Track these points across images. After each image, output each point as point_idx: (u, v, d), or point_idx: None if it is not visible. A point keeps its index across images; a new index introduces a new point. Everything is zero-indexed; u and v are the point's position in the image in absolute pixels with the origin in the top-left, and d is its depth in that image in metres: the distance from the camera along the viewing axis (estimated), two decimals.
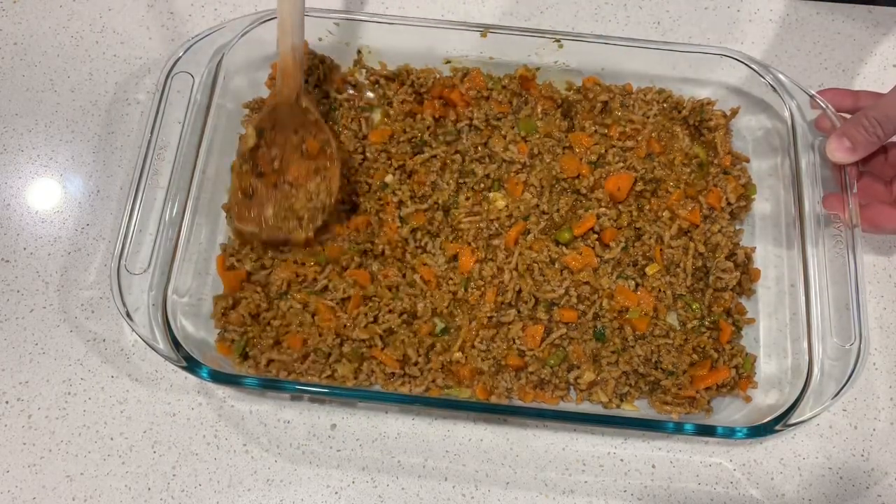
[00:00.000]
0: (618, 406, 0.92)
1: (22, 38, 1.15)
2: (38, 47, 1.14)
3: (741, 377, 0.93)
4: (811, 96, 0.98)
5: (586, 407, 0.93)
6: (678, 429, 0.85)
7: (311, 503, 0.90)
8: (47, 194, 1.05)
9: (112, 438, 0.92)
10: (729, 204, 1.01)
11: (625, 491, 0.91)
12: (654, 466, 0.93)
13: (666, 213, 0.99)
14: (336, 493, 0.91)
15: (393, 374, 0.92)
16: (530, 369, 0.92)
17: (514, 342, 0.93)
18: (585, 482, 0.92)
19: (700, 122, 1.05)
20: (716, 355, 0.93)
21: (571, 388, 0.93)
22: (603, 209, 0.99)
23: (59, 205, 1.04)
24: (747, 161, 1.06)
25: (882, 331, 1.00)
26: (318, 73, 1.06)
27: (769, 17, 1.21)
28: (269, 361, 0.92)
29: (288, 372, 0.92)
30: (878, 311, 1.01)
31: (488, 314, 0.93)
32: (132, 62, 1.14)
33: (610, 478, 0.92)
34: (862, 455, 0.94)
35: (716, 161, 1.04)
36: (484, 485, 0.91)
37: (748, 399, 0.93)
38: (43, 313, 0.98)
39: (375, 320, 0.94)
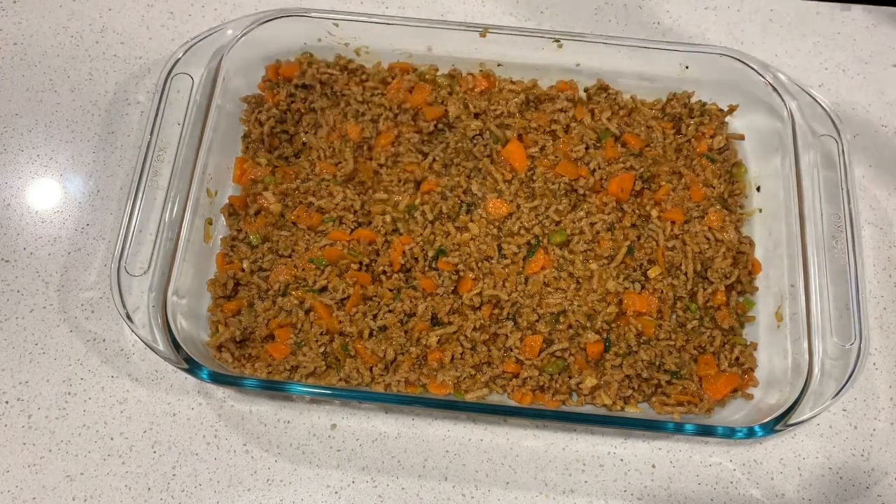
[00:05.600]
0: (622, 408, 0.92)
1: (22, 38, 1.15)
2: (38, 47, 1.14)
3: (743, 370, 0.94)
4: (811, 95, 0.98)
5: (589, 408, 0.93)
6: (679, 429, 0.86)
7: (311, 503, 0.90)
8: (47, 194, 1.05)
9: (112, 438, 0.92)
10: (722, 197, 1.01)
11: (625, 491, 0.91)
12: (654, 466, 0.93)
13: (654, 211, 1.00)
14: (336, 492, 0.91)
15: (371, 368, 0.92)
16: (527, 374, 0.92)
17: (511, 351, 0.93)
18: (585, 482, 0.92)
19: (680, 115, 1.06)
20: (716, 344, 0.94)
21: (573, 392, 0.93)
22: (601, 215, 0.99)
23: (59, 205, 1.04)
24: (741, 139, 1.06)
25: (882, 331, 1.00)
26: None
27: (769, 17, 1.21)
28: (255, 359, 0.93)
29: (270, 371, 0.92)
30: (877, 311, 1.01)
31: (482, 323, 0.94)
32: (132, 62, 1.14)
33: (610, 478, 0.92)
34: (862, 455, 0.94)
35: (694, 147, 1.05)
36: (484, 485, 0.91)
37: (749, 397, 0.93)
38: (43, 313, 0.98)
39: (375, 319, 0.94)
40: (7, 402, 0.94)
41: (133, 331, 0.85)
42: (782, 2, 1.21)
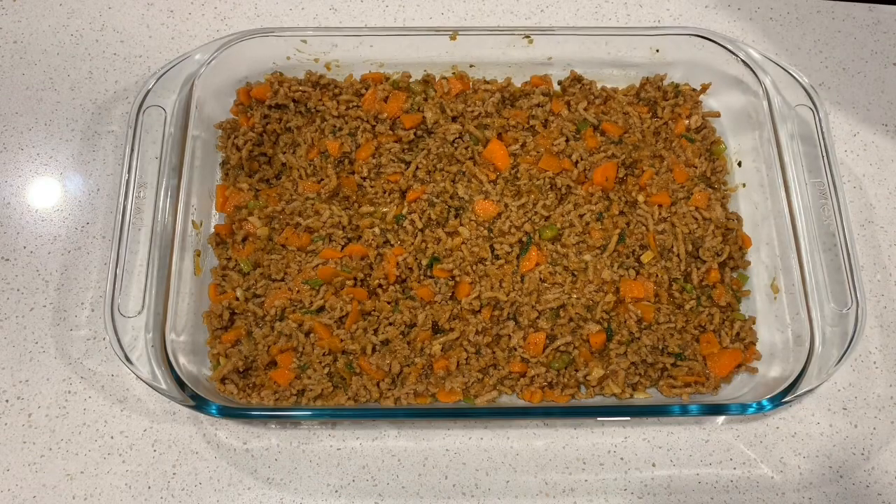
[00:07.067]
0: (630, 396, 0.93)
1: (22, 37, 1.14)
2: (37, 46, 1.14)
3: (745, 345, 0.94)
4: (782, 67, 1.00)
5: (598, 399, 0.93)
6: (689, 411, 0.86)
7: (311, 502, 0.90)
8: (47, 193, 1.05)
9: (112, 437, 0.92)
10: (704, 175, 1.02)
11: (625, 489, 0.91)
12: (654, 465, 0.93)
13: (641, 197, 1.01)
14: (336, 491, 0.90)
15: (378, 383, 0.92)
16: (534, 372, 0.92)
17: (516, 351, 0.93)
18: (586, 480, 0.92)
19: (655, 98, 1.07)
20: (716, 322, 0.95)
21: (582, 385, 0.94)
22: (588, 206, 1.00)
23: (59, 203, 1.04)
24: (717, 116, 1.07)
25: (882, 330, 1.00)
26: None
27: (770, 15, 1.21)
28: (259, 387, 0.92)
29: (278, 398, 0.91)
30: (878, 311, 1.01)
31: (484, 325, 0.94)
32: (132, 60, 1.14)
33: (610, 476, 0.92)
34: (862, 454, 0.94)
35: (672, 129, 1.06)
36: (484, 483, 0.91)
37: (754, 371, 0.93)
38: (43, 312, 0.98)
39: (375, 333, 0.94)
40: (7, 401, 0.94)
41: (135, 373, 0.84)
42: (783, 0, 1.21)
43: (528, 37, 1.04)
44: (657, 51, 1.06)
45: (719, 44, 1.03)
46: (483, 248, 0.97)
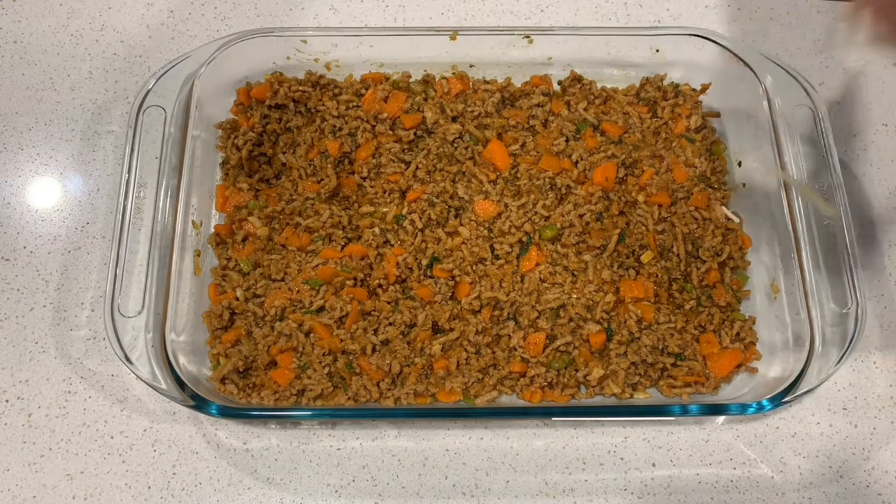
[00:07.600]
0: (631, 396, 0.93)
1: (22, 37, 1.15)
2: (37, 46, 1.14)
3: (745, 345, 0.94)
4: (782, 67, 1.00)
5: (599, 399, 0.93)
6: (689, 411, 0.86)
7: (311, 502, 0.90)
8: (47, 193, 1.05)
9: (112, 437, 0.92)
10: (704, 175, 1.02)
11: (625, 489, 0.91)
12: (654, 465, 0.93)
13: (641, 197, 1.01)
14: (336, 491, 0.91)
15: (378, 383, 0.92)
16: (534, 372, 0.92)
17: (516, 351, 0.93)
18: (586, 481, 0.92)
19: (654, 98, 1.07)
20: (716, 322, 0.95)
21: (582, 385, 0.94)
22: (588, 206, 0.99)
23: (59, 203, 1.04)
24: (717, 116, 1.08)
25: (882, 330, 1.00)
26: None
27: (770, 15, 1.21)
28: (260, 387, 0.92)
29: (278, 398, 0.91)
30: (878, 310, 1.01)
31: (484, 325, 0.94)
32: (132, 60, 1.14)
33: (610, 476, 0.92)
34: (862, 454, 0.94)
35: (672, 129, 1.06)
36: (484, 483, 0.91)
37: (754, 371, 0.93)
38: (43, 312, 0.98)
39: (375, 333, 0.94)
40: (7, 401, 0.94)
41: (135, 373, 0.84)
42: (783, 0, 1.21)
43: (528, 37, 1.04)
44: (657, 51, 1.06)
45: (719, 44, 1.03)
46: (483, 248, 0.97)
